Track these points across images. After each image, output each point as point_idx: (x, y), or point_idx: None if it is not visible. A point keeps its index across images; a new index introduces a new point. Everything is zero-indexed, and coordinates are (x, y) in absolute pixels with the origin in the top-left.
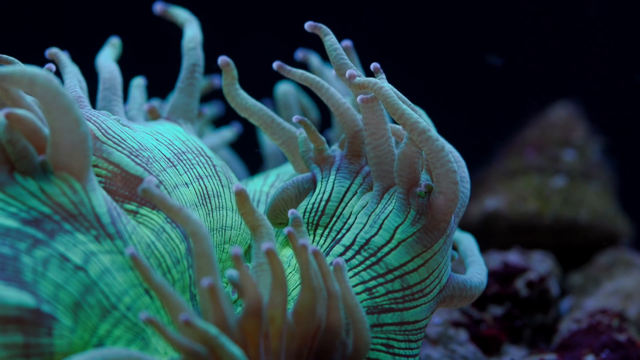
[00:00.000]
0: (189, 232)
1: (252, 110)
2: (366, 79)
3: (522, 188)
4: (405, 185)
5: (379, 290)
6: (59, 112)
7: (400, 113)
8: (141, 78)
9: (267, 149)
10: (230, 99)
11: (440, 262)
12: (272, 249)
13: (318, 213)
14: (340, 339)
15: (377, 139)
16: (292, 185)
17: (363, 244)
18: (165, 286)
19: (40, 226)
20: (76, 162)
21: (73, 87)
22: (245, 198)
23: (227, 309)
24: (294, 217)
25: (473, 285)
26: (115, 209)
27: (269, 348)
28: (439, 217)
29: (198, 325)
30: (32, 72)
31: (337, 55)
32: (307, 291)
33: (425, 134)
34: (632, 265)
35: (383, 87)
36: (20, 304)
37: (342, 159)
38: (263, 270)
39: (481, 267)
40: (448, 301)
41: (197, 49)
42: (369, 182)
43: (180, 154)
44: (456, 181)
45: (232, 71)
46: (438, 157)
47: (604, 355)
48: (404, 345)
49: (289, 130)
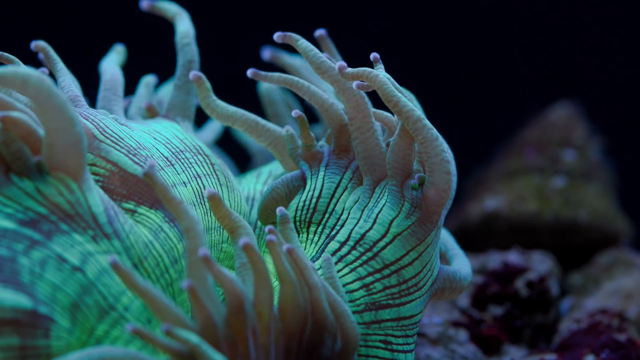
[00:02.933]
0: (184, 228)
1: (234, 117)
2: (359, 69)
3: (522, 188)
4: (400, 177)
5: (376, 286)
6: (53, 112)
7: (395, 100)
8: (152, 76)
9: (253, 146)
10: (210, 111)
11: (432, 254)
12: (249, 244)
13: (310, 210)
14: (329, 333)
15: (364, 132)
16: (282, 183)
17: (358, 239)
18: (150, 289)
19: (37, 227)
20: (72, 162)
21: (69, 86)
22: (219, 202)
23: (212, 307)
24: (281, 215)
25: (462, 277)
26: (113, 208)
27: (258, 344)
28: (432, 209)
29: (179, 335)
30: (25, 73)
31: (314, 55)
32: (286, 285)
33: (420, 122)
34: (632, 265)
35: (378, 75)
36: (17, 306)
37: (330, 154)
38: (247, 269)
39: (464, 259)
40: (439, 294)
41: (192, 44)
42: (359, 176)
43: (178, 152)
44: (449, 171)
45: (204, 84)
46: (432, 146)
47: (604, 355)
48: (401, 341)
49: (274, 131)
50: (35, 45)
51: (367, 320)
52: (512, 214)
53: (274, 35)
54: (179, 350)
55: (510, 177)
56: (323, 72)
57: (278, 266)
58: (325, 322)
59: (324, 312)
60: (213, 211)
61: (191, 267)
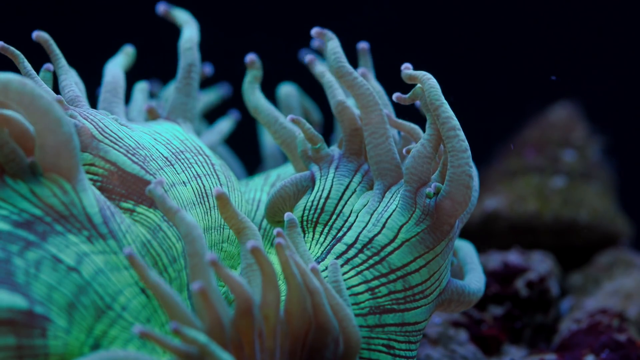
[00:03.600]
0: (182, 234)
1: (259, 110)
2: (416, 71)
3: (522, 188)
4: (415, 184)
5: (382, 290)
6: (38, 114)
7: (438, 104)
8: (145, 82)
9: (266, 149)
10: (245, 94)
11: (441, 264)
12: (257, 247)
13: (317, 210)
14: (332, 336)
15: (377, 137)
16: (291, 183)
17: (366, 243)
18: (162, 285)
19: (32, 228)
20: (64, 163)
21: (69, 86)
22: (226, 201)
23: (221, 309)
24: (289, 220)
25: (471, 292)
26: (109, 208)
27: (263, 346)
28: (444, 219)
29: (187, 334)
30: (5, 78)
31: (335, 58)
32: (293, 289)
33: (454, 130)
34: (632, 265)
35: (430, 79)
36: (12, 306)
37: (341, 157)
38: (253, 271)
39: (480, 275)
40: (446, 305)
41: (194, 49)
42: (368, 180)
43: (178, 152)
44: (469, 185)
45: (255, 70)
46: (458, 157)
47: (604, 355)
48: (404, 346)
49: (289, 129)
50: (36, 36)
51: (371, 324)
52: (512, 214)
53: (312, 30)
54: (186, 351)
55: (510, 177)
56: (340, 76)
57: (285, 270)
58: (328, 325)
59: (326, 316)
60: (220, 211)
61: (195, 270)
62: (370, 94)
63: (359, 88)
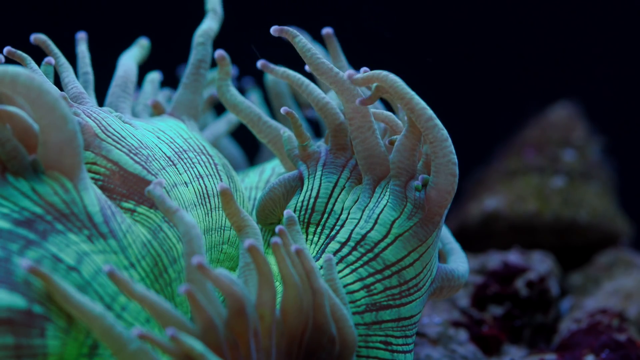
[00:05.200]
0: (181, 233)
1: (239, 108)
2: (368, 73)
3: (521, 188)
4: (403, 178)
5: (377, 287)
6: (44, 110)
7: (409, 98)
8: (157, 73)
9: None
10: (221, 94)
11: (432, 255)
12: (254, 245)
13: (308, 211)
14: (328, 336)
15: (364, 132)
16: (279, 184)
17: (359, 240)
18: (149, 295)
19: (33, 227)
20: (67, 160)
21: (72, 83)
22: (230, 198)
23: (212, 310)
24: (288, 217)
25: (460, 275)
26: (110, 208)
27: (259, 346)
28: (435, 210)
29: (184, 342)
30: (14, 72)
31: (312, 55)
32: (289, 288)
33: (431, 121)
34: (632, 265)
35: (389, 75)
36: (11, 306)
37: (327, 154)
38: (251, 270)
39: (461, 254)
40: (438, 292)
41: (207, 44)
42: (356, 175)
43: (181, 152)
44: (455, 173)
45: (226, 66)
46: (441, 147)
47: (604, 355)
48: (401, 341)
49: (275, 128)
50: (34, 39)
51: (368, 321)
52: (512, 214)
53: (271, 28)
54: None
55: (510, 177)
56: (321, 74)
57: (282, 269)
58: (326, 326)
59: (325, 317)
60: (223, 207)
61: (188, 271)
62: (353, 88)
63: (342, 84)
